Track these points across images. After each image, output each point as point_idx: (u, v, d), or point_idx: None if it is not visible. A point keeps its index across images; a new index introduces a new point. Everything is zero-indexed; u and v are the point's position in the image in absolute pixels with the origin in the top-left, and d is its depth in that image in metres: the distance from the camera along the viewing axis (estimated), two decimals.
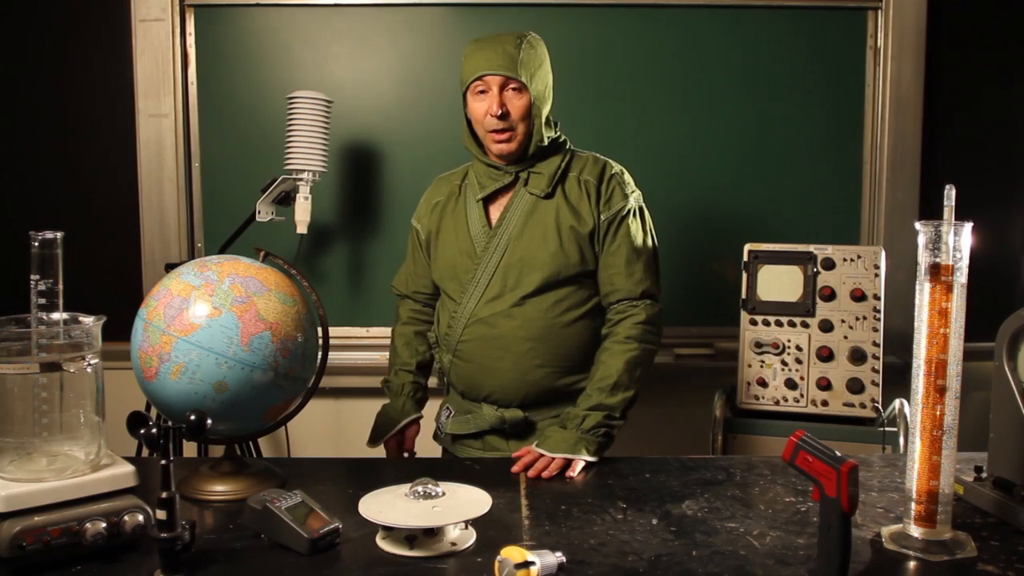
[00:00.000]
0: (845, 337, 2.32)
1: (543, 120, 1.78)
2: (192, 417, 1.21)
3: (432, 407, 2.00)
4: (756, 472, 1.62)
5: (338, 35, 2.73)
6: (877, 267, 2.32)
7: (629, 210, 1.81)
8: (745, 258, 2.41)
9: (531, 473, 1.61)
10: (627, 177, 1.87)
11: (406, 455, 1.93)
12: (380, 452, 1.93)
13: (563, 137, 1.87)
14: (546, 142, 1.80)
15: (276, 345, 1.43)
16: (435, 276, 1.92)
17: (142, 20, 2.68)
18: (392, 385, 1.97)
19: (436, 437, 1.99)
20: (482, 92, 1.76)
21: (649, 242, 1.86)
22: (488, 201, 1.85)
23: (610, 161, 1.87)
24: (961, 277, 1.24)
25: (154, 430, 1.15)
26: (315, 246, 2.76)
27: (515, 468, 1.63)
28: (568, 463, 1.63)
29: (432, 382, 2.02)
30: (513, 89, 1.74)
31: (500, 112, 1.73)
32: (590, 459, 1.65)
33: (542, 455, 1.65)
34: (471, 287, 1.81)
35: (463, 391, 1.88)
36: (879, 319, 2.30)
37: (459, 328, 1.82)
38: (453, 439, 1.91)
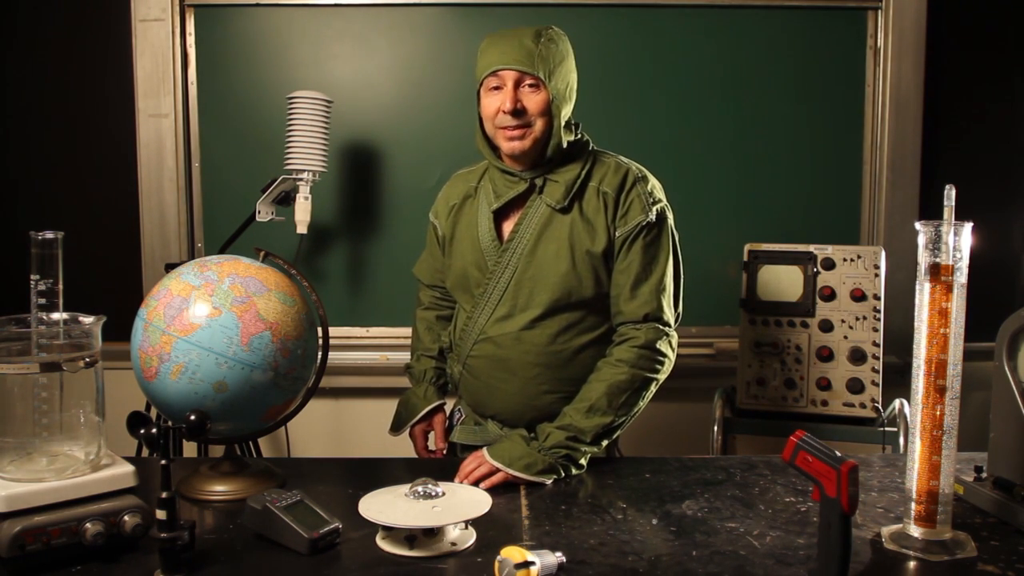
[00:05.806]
0: (845, 337, 2.32)
1: (562, 121, 1.65)
2: (192, 417, 1.22)
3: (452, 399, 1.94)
4: (756, 472, 1.62)
5: (338, 35, 2.73)
6: (877, 267, 2.32)
7: (646, 225, 1.66)
8: (745, 258, 2.41)
9: (469, 479, 1.53)
10: (651, 186, 1.70)
11: (434, 450, 1.85)
12: (382, 451, 1.91)
13: (585, 137, 1.75)
14: (565, 145, 1.67)
15: (276, 345, 1.43)
16: (448, 283, 1.83)
17: (142, 20, 2.68)
18: (414, 371, 1.92)
19: (449, 430, 1.90)
20: (496, 88, 1.63)
21: (663, 260, 1.69)
22: (501, 210, 1.73)
23: (633, 168, 1.71)
24: (961, 277, 1.24)
25: (154, 430, 1.16)
26: (315, 246, 2.76)
27: (457, 478, 1.54)
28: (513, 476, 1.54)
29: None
30: (530, 86, 1.62)
31: (513, 108, 1.60)
32: (531, 479, 1.54)
33: (484, 461, 1.56)
34: (481, 302, 1.72)
35: (471, 405, 1.83)
36: (879, 319, 2.30)
37: (469, 343, 1.75)
38: (461, 448, 1.83)
